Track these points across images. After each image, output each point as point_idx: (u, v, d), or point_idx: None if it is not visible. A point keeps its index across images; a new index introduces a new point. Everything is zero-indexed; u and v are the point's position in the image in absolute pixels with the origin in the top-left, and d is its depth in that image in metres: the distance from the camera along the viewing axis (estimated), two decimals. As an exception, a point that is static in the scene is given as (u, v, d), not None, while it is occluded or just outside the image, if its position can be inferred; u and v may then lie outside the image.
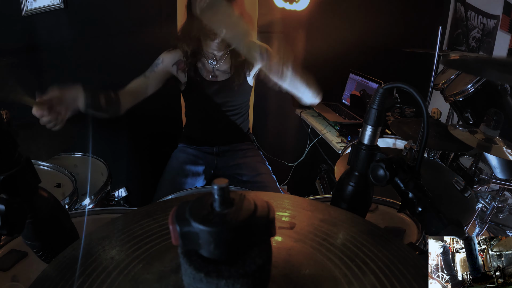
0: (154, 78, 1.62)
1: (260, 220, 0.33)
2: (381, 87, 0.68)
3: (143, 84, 1.59)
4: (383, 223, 1.11)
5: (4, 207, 0.53)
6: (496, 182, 1.53)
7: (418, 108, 2.32)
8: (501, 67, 0.66)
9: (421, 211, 0.65)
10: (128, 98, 1.49)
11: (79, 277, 0.42)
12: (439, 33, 1.89)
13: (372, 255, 0.45)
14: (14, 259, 0.88)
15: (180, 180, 1.68)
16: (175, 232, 0.33)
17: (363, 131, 0.71)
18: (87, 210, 1.20)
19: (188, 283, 0.34)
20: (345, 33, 2.55)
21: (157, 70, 1.63)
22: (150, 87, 1.61)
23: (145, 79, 1.60)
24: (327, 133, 2.35)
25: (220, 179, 0.34)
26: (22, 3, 2.04)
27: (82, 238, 0.49)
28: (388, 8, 2.70)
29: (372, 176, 0.67)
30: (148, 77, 1.61)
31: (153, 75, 1.62)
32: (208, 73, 1.67)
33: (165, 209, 0.57)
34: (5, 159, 0.56)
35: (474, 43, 3.01)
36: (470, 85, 1.69)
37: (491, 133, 1.34)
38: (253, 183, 1.69)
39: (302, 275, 0.41)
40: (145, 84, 1.59)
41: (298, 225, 0.51)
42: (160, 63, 1.64)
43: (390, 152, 1.43)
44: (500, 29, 2.89)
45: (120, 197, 1.94)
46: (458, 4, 2.97)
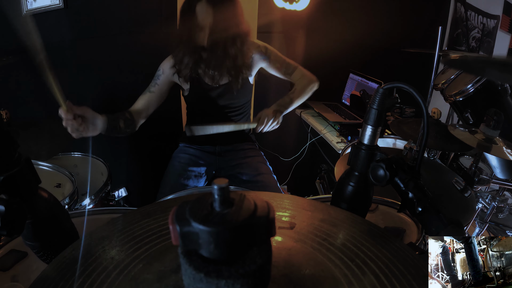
0: (158, 92, 1.65)
1: (260, 220, 0.33)
2: (381, 87, 0.68)
3: (150, 100, 1.63)
4: (383, 223, 1.12)
5: (4, 207, 0.53)
6: (496, 182, 1.53)
7: (418, 108, 2.32)
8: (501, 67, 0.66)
9: (421, 211, 0.65)
10: (140, 116, 1.58)
11: (79, 277, 0.42)
12: (439, 33, 1.89)
13: (372, 255, 0.45)
14: (14, 259, 0.88)
15: (182, 182, 1.69)
16: (175, 232, 0.33)
17: (363, 131, 0.71)
18: (87, 210, 1.20)
19: (188, 283, 0.34)
20: (345, 33, 2.55)
21: (160, 83, 1.65)
22: (157, 99, 1.65)
23: (150, 95, 1.63)
24: (327, 133, 2.35)
25: (220, 179, 0.34)
26: (22, 3, 2.04)
27: (82, 238, 0.49)
28: (388, 8, 2.70)
29: (372, 176, 0.67)
30: (153, 92, 1.64)
31: (157, 88, 1.65)
32: (209, 79, 1.67)
33: (165, 209, 0.57)
34: (5, 159, 0.56)
35: (474, 43, 3.01)
36: (470, 85, 1.69)
37: (491, 133, 1.34)
38: (253, 183, 1.69)
39: (302, 275, 0.41)
40: (151, 100, 1.63)
41: (298, 225, 0.51)
42: (161, 74, 1.65)
43: (390, 152, 1.43)
44: (500, 29, 2.89)
45: (120, 197, 1.94)
46: (458, 4, 2.97)
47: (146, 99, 1.62)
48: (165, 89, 1.67)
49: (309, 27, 2.59)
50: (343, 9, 2.61)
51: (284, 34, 2.62)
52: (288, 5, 2.29)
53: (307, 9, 2.33)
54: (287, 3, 2.29)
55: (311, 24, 2.57)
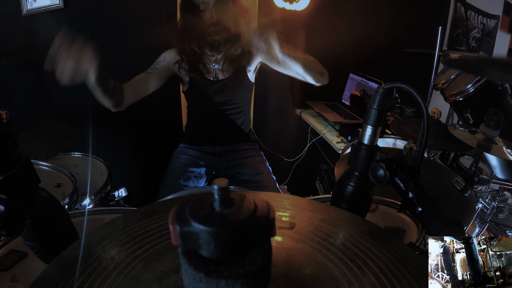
0: (156, 75, 1.61)
1: (260, 220, 0.33)
2: (381, 87, 0.68)
3: (145, 80, 1.58)
4: (383, 223, 1.11)
5: (3, 207, 0.53)
6: (496, 182, 1.53)
7: (418, 108, 2.32)
8: (501, 67, 0.66)
9: (421, 211, 0.65)
10: (130, 91, 1.49)
11: (79, 277, 0.41)
12: (439, 33, 1.89)
13: (372, 255, 0.45)
14: (14, 259, 0.88)
15: (182, 183, 1.68)
16: (175, 232, 0.33)
17: (363, 131, 0.71)
18: (87, 210, 1.20)
19: (188, 283, 0.34)
20: (345, 33, 2.55)
21: (159, 67, 1.63)
22: (152, 83, 1.60)
23: (147, 75, 1.60)
24: (327, 133, 2.35)
25: (220, 179, 0.34)
26: (22, 3, 2.04)
27: (82, 238, 0.49)
28: (388, 8, 2.70)
29: (372, 176, 0.67)
30: (150, 73, 1.60)
31: (155, 71, 1.61)
32: (209, 73, 1.67)
33: (165, 209, 0.57)
34: (4, 159, 0.56)
35: (474, 43, 3.01)
36: (470, 85, 1.69)
37: (491, 133, 1.34)
38: (253, 183, 1.69)
39: (302, 275, 0.41)
40: (146, 80, 1.58)
41: (298, 225, 0.51)
42: (161, 60, 1.65)
43: (390, 152, 1.43)
44: (500, 29, 2.89)
45: (120, 197, 1.94)
46: (458, 4, 2.97)
47: (141, 78, 1.58)
48: (162, 75, 1.63)
49: (309, 27, 2.59)
50: (343, 9, 2.61)
51: (284, 34, 2.62)
52: (288, 5, 2.29)
53: (307, 9, 2.33)
54: (287, 3, 2.29)
55: (311, 24, 2.57)
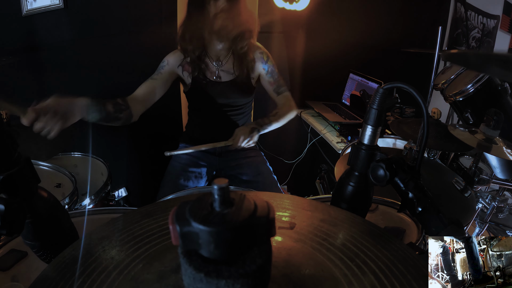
0: (161, 80, 1.60)
1: (260, 220, 0.33)
2: (381, 87, 0.68)
3: (151, 88, 1.56)
4: (383, 223, 1.11)
5: (3, 207, 0.53)
6: (496, 182, 1.53)
7: (418, 108, 2.32)
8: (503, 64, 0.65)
9: (421, 211, 0.65)
10: (139, 104, 1.48)
11: (79, 277, 0.42)
12: (439, 33, 1.89)
13: (372, 255, 0.45)
14: (14, 259, 0.88)
15: (183, 183, 1.68)
16: (175, 232, 0.33)
17: (363, 131, 0.71)
18: (87, 210, 1.20)
19: (188, 283, 0.34)
20: (345, 33, 2.55)
21: (164, 72, 1.62)
22: (158, 90, 1.58)
23: (152, 81, 1.58)
24: (327, 133, 2.35)
25: (220, 179, 0.34)
26: (22, 3, 2.04)
27: (82, 238, 0.49)
28: (388, 8, 2.70)
29: (372, 176, 0.67)
30: (156, 79, 1.59)
31: (160, 77, 1.60)
32: (212, 74, 1.67)
33: (165, 209, 0.57)
34: (4, 159, 0.56)
35: (474, 43, 3.01)
36: (470, 85, 1.69)
37: (491, 133, 1.34)
38: (253, 183, 1.69)
39: (302, 275, 0.41)
40: (153, 88, 1.56)
41: (298, 225, 0.51)
42: (165, 65, 1.63)
43: (390, 152, 1.43)
44: (500, 29, 2.89)
45: (120, 197, 1.94)
46: (458, 4, 2.97)
47: (147, 86, 1.56)
48: (167, 80, 1.62)
49: (309, 27, 2.59)
50: (343, 9, 2.61)
51: (284, 34, 2.62)
52: (288, 5, 2.29)
53: (307, 9, 2.33)
54: (287, 3, 2.29)
55: (311, 24, 2.57)
